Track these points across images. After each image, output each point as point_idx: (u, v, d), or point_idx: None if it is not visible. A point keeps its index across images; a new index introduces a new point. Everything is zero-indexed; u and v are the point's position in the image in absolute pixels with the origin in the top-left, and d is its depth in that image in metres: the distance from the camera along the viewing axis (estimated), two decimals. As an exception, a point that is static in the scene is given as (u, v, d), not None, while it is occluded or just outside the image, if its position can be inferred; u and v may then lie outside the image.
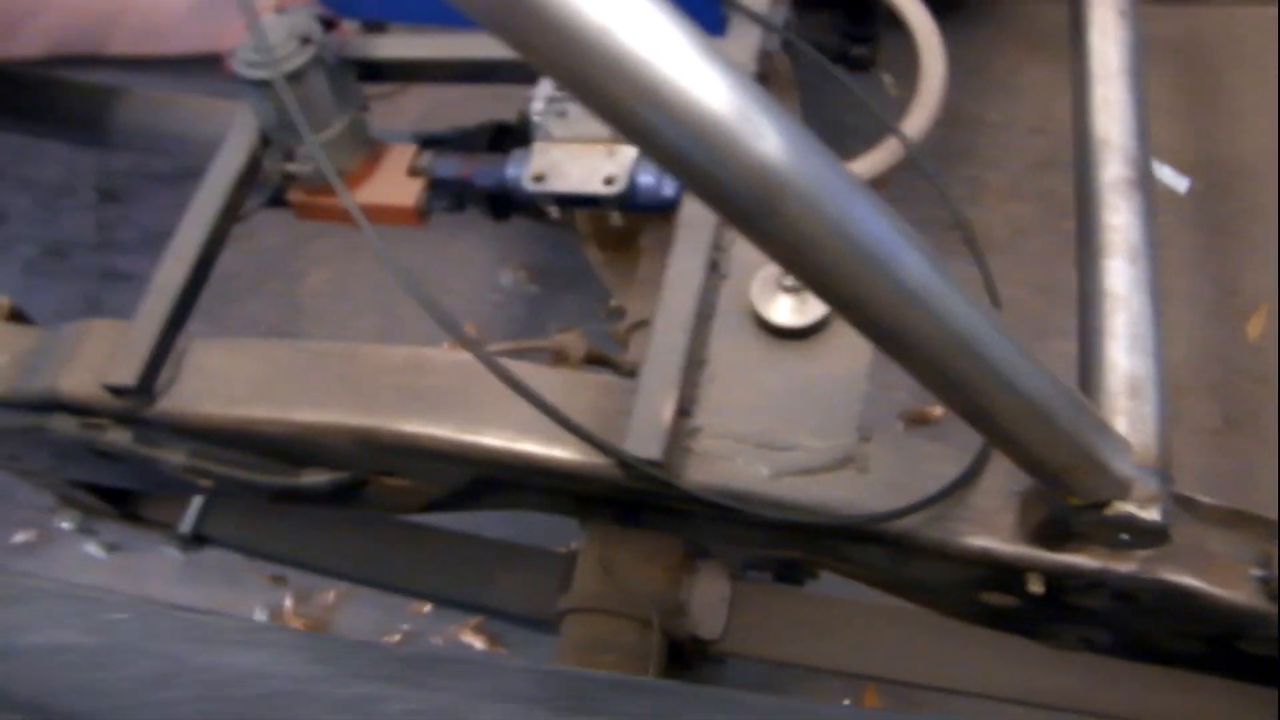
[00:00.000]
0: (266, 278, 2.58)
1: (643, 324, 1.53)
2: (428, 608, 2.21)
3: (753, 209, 0.61)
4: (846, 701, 2.02)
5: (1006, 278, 1.41)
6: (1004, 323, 0.74)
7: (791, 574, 1.61)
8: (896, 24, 1.52)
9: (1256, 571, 0.99)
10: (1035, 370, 0.76)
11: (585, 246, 1.71)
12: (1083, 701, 1.50)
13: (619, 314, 1.85)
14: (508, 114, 1.54)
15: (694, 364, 1.06)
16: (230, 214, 1.32)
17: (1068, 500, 0.87)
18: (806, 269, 0.65)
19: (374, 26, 1.66)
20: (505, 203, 1.60)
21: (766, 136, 0.59)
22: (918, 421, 2.18)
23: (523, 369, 1.06)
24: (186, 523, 1.74)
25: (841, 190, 0.63)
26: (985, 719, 1.85)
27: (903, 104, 1.36)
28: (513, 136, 1.56)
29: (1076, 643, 1.21)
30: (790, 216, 0.61)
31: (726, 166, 0.59)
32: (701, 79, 0.57)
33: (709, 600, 1.49)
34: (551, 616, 1.52)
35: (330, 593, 2.27)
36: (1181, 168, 2.43)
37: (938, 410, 2.18)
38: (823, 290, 0.68)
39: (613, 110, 0.58)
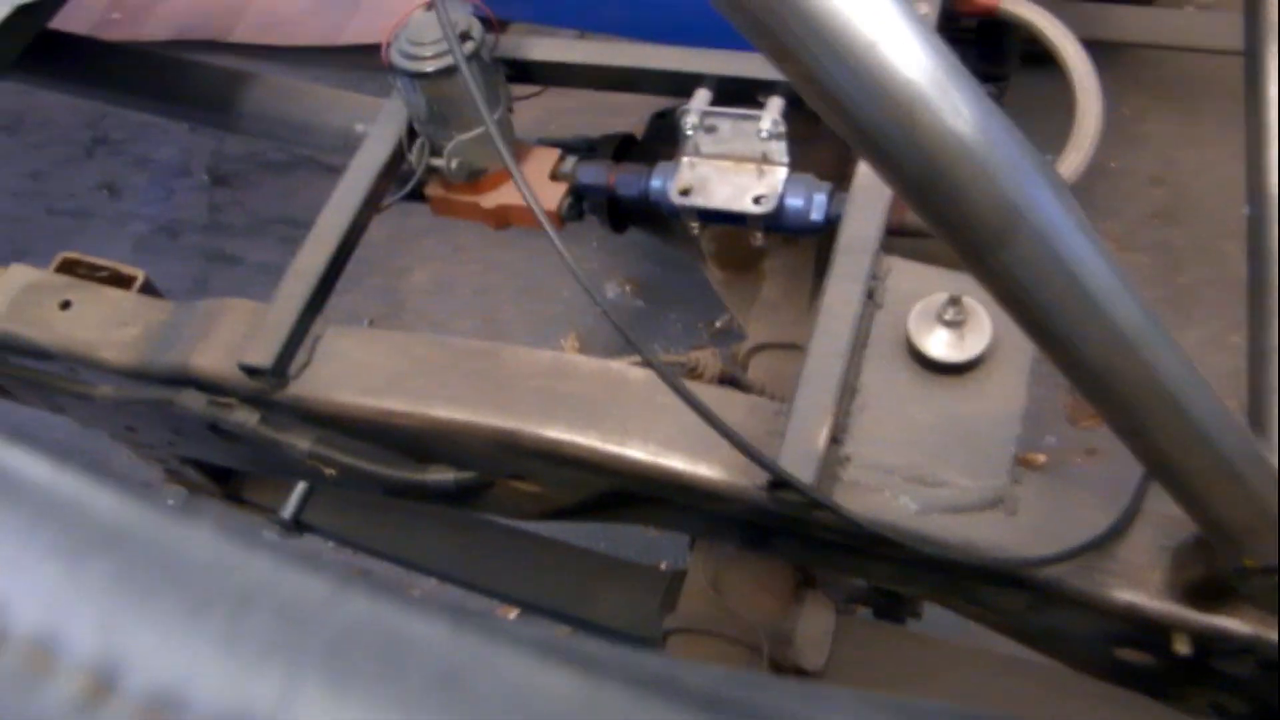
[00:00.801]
0: (370, 271, 2.61)
1: (765, 347, 1.52)
2: (514, 613, 2.20)
3: (983, 240, 0.60)
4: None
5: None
6: (1206, 380, 0.72)
7: (893, 610, 1.59)
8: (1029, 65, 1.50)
9: None
10: (1233, 427, 0.74)
11: (705, 266, 1.70)
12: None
13: (726, 334, 1.83)
14: (619, 128, 1.55)
15: (846, 392, 1.04)
16: (372, 204, 1.33)
17: (1242, 562, 0.85)
18: (1026, 305, 0.64)
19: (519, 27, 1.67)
20: (629, 215, 1.60)
21: (1007, 169, 0.58)
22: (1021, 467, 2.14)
23: (680, 380, 1.05)
24: (289, 508, 1.75)
25: (1072, 228, 0.61)
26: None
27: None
28: (636, 150, 1.56)
29: (1207, 709, 1.17)
30: (1021, 251, 0.60)
31: (967, 196, 0.57)
32: (952, 104, 0.55)
33: (814, 631, 1.47)
34: (652, 635, 1.51)
35: (416, 590, 2.27)
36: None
37: (1041, 458, 2.15)
38: (1036, 328, 0.66)
39: (858, 127, 0.57)
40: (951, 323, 1.04)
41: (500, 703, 0.32)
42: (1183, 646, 0.99)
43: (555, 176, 1.41)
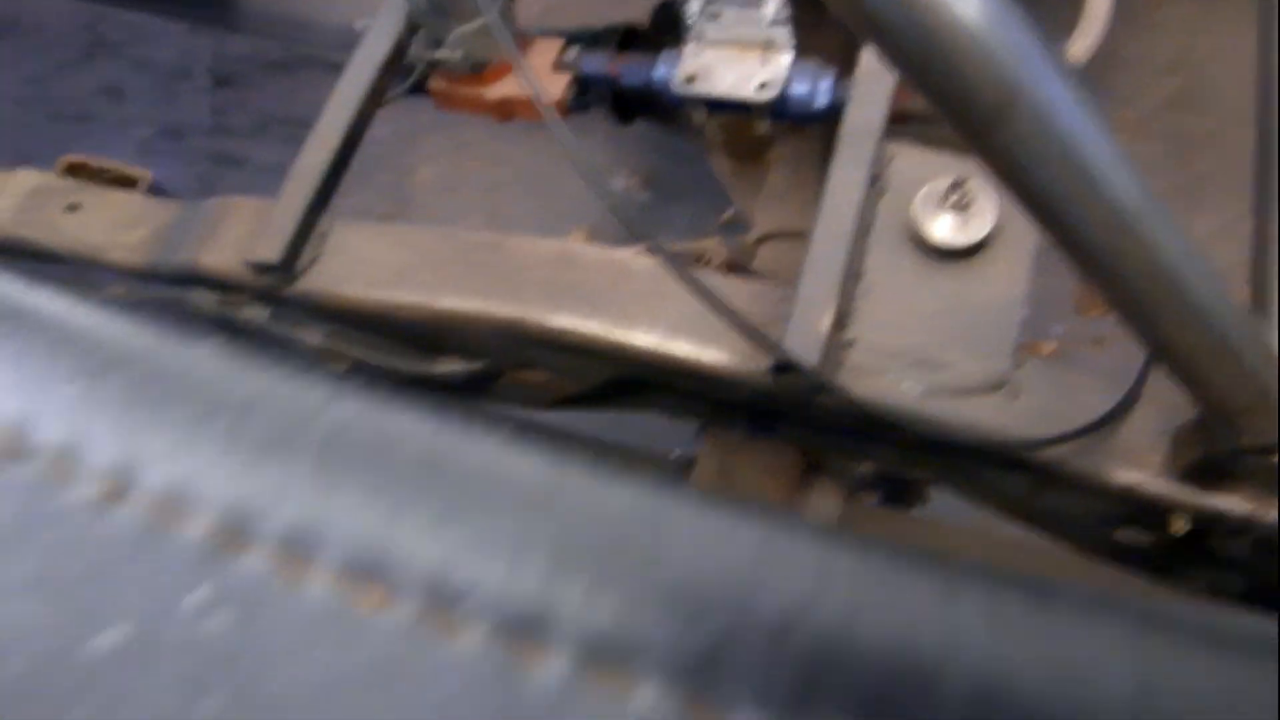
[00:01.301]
0: (376, 169, 2.59)
1: (771, 236, 1.52)
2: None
3: (981, 118, 0.60)
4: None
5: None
6: (1206, 259, 0.72)
7: (899, 497, 1.61)
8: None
9: None
10: (1233, 308, 0.75)
11: (712, 156, 1.69)
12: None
13: (734, 225, 1.83)
14: (627, 17, 1.53)
15: (850, 277, 1.05)
16: (374, 100, 1.32)
17: (1240, 442, 0.86)
18: (1026, 185, 0.64)
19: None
20: (633, 105, 1.59)
21: (1004, 46, 0.57)
22: (1029, 355, 2.15)
23: (683, 266, 1.06)
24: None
25: (1073, 106, 0.61)
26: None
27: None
28: (640, 40, 1.55)
29: (1205, 586, 1.19)
30: (1019, 129, 0.60)
31: (963, 73, 0.57)
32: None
33: (823, 517, 1.50)
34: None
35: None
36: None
37: (1049, 347, 2.15)
38: (1036, 208, 0.66)
39: (855, 4, 0.56)
40: (955, 207, 1.04)
41: (475, 482, 0.35)
42: (1181, 525, 1.01)
43: (559, 67, 1.39)
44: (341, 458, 0.35)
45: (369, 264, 1.20)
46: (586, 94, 1.46)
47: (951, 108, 0.60)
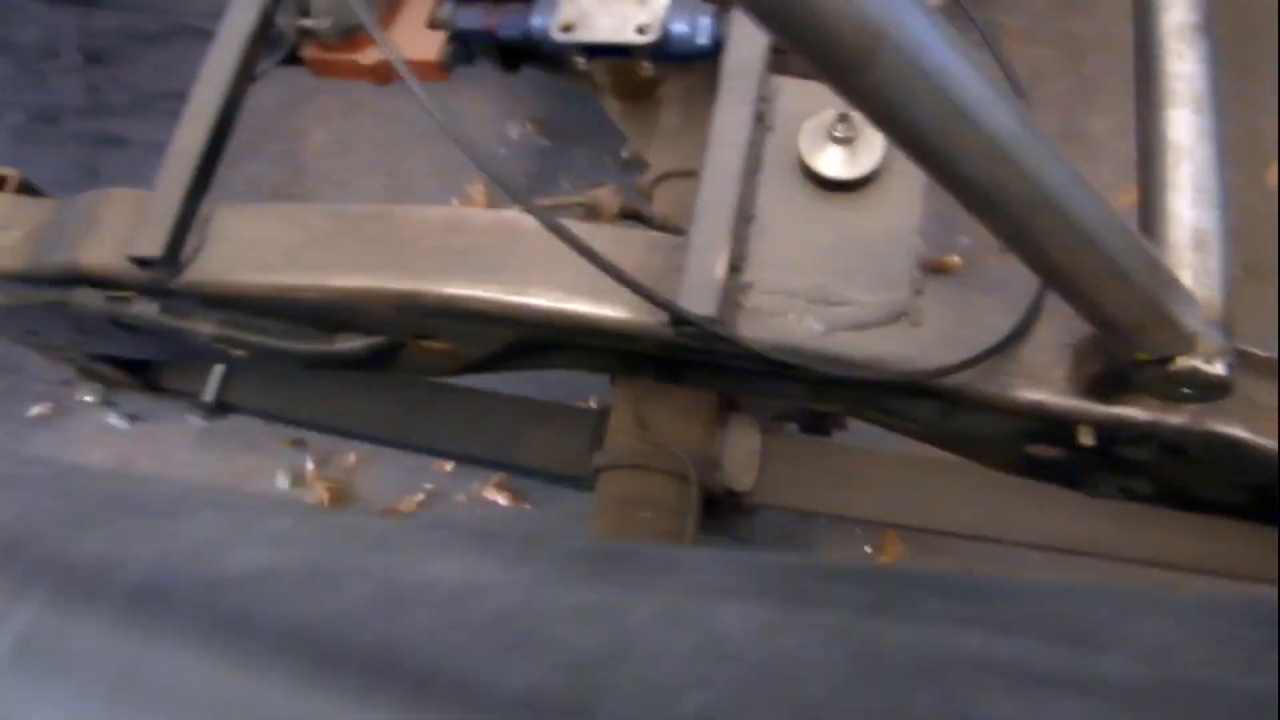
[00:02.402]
0: (266, 138, 2.52)
1: (668, 176, 1.50)
2: (450, 466, 2.22)
3: (848, 62, 0.58)
4: (867, 549, 2.05)
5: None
6: (1087, 181, 0.72)
7: (819, 425, 1.62)
8: None
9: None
10: (1117, 227, 0.75)
11: (602, 98, 1.66)
12: (1106, 547, 1.53)
13: (633, 165, 1.80)
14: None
15: (743, 218, 1.04)
16: (246, 74, 1.27)
17: (1135, 355, 0.87)
18: (900, 125, 0.63)
19: None
20: (519, 54, 1.55)
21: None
22: (938, 270, 2.17)
23: (569, 226, 1.04)
24: (209, 391, 1.73)
25: (939, 43, 0.60)
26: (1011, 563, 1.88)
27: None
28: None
29: (1116, 492, 1.22)
30: (887, 70, 0.59)
31: (825, 18, 0.56)
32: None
33: (741, 453, 1.50)
34: (584, 473, 1.53)
35: (351, 454, 2.28)
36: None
37: (956, 259, 2.17)
38: (913, 147, 0.66)
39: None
40: (842, 139, 1.03)
41: None
42: (1087, 438, 1.02)
43: (434, 24, 1.35)
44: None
45: (256, 247, 1.16)
46: (472, 47, 1.42)
47: (816, 53, 0.59)
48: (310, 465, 2.28)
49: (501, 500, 2.19)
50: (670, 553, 0.46)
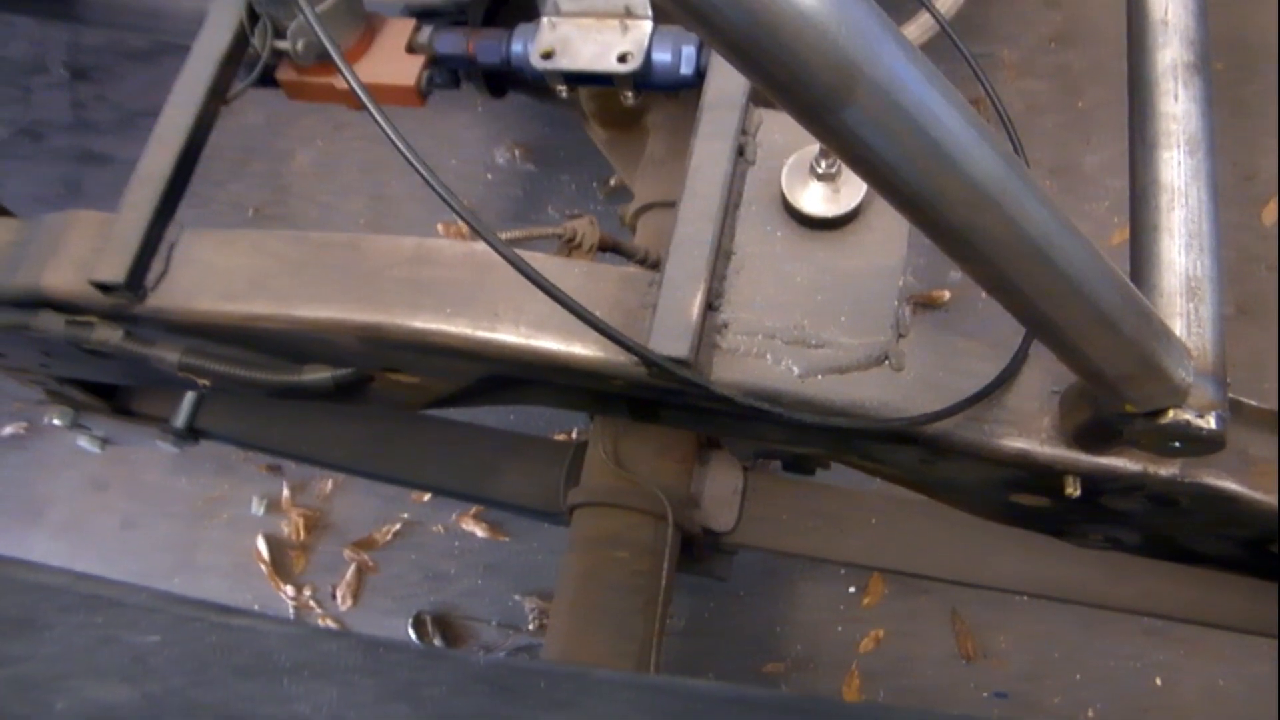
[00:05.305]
0: (251, 158, 2.49)
1: (651, 206, 1.47)
2: (428, 496, 2.18)
3: (820, 98, 0.55)
4: (851, 590, 2.01)
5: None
6: (1076, 227, 0.69)
7: (802, 464, 1.58)
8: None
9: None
10: (1107, 275, 0.71)
11: (587, 126, 1.63)
12: (1095, 592, 1.49)
13: (619, 193, 1.76)
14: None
15: (721, 255, 1.00)
16: (217, 96, 1.24)
17: (1123, 408, 0.83)
18: (875, 165, 0.59)
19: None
20: (504, 79, 1.52)
21: (842, 23, 0.53)
22: (925, 305, 2.13)
23: (539, 260, 1.00)
24: (180, 417, 1.69)
25: (919, 81, 0.57)
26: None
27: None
28: (510, 8, 1.48)
29: (1103, 542, 1.18)
30: (864, 109, 0.55)
31: (796, 55, 0.52)
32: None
33: (722, 492, 1.47)
34: (558, 509, 1.49)
35: (328, 481, 2.24)
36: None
37: (945, 294, 2.13)
38: (889, 189, 0.62)
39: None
40: (825, 175, 1.00)
41: None
42: (1073, 489, 0.98)
43: (412, 48, 1.32)
44: None
45: (221, 275, 1.12)
46: (457, 72, 1.40)
47: (784, 91, 0.55)
48: (285, 492, 2.23)
49: (479, 531, 2.15)
50: (582, 676, 0.42)
